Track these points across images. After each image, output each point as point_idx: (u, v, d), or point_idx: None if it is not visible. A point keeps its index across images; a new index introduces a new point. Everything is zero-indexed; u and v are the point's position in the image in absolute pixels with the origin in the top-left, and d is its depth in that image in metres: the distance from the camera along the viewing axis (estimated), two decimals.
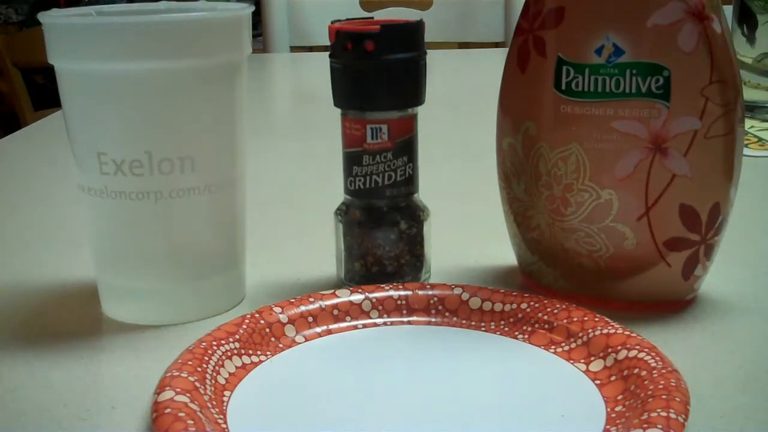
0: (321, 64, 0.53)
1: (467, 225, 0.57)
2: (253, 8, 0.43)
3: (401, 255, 0.44)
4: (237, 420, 0.33)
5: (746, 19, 0.79)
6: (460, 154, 0.77)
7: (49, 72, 0.43)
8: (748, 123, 0.78)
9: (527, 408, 0.34)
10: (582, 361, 0.37)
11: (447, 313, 0.41)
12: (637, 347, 0.35)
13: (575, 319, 0.38)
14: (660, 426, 0.30)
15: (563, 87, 0.40)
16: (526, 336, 0.39)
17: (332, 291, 0.42)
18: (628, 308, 0.42)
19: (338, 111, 0.44)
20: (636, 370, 0.34)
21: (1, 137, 0.88)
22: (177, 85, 0.40)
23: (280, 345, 0.39)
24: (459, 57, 1.42)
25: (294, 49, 1.44)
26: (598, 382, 0.35)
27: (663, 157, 0.39)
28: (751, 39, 0.79)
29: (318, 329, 0.40)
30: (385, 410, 0.34)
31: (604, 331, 0.37)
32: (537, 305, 0.40)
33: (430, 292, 0.42)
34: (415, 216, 0.45)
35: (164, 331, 0.42)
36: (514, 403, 0.34)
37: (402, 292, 0.42)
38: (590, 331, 0.37)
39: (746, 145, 0.73)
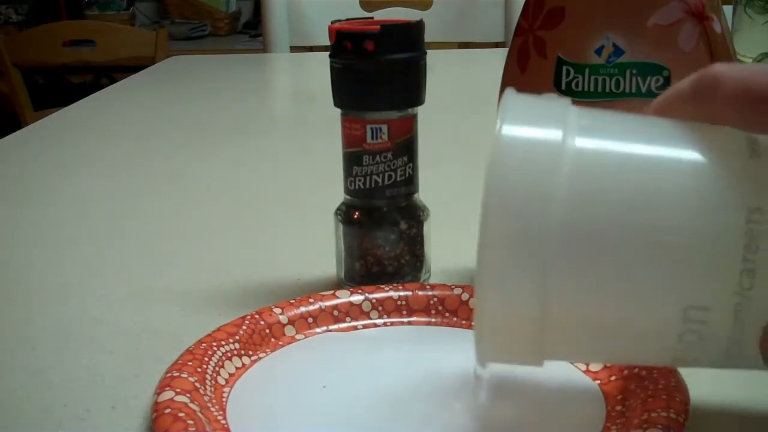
0: (321, 64, 0.53)
1: (467, 225, 0.57)
2: None
3: (401, 255, 0.44)
4: (236, 416, 0.33)
5: None
6: (460, 154, 0.77)
7: (49, 72, 0.42)
8: None
9: (528, 406, 0.34)
10: None
11: (447, 314, 0.41)
12: None
13: None
14: (660, 426, 0.30)
15: (563, 87, 0.40)
16: None
17: (332, 292, 0.42)
18: None
19: (338, 111, 0.44)
20: (636, 370, 0.34)
21: (1, 137, 0.88)
22: None
23: (280, 345, 0.39)
24: (459, 57, 1.42)
25: (294, 49, 1.44)
26: (598, 381, 0.35)
27: None
28: None
29: (318, 330, 0.40)
30: (384, 409, 0.34)
31: None
32: None
33: (430, 293, 0.42)
34: (415, 216, 0.45)
35: (164, 331, 0.42)
36: (515, 401, 0.34)
37: (402, 293, 0.42)
38: None
39: None
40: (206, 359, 0.35)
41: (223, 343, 0.37)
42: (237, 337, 0.38)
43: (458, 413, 0.33)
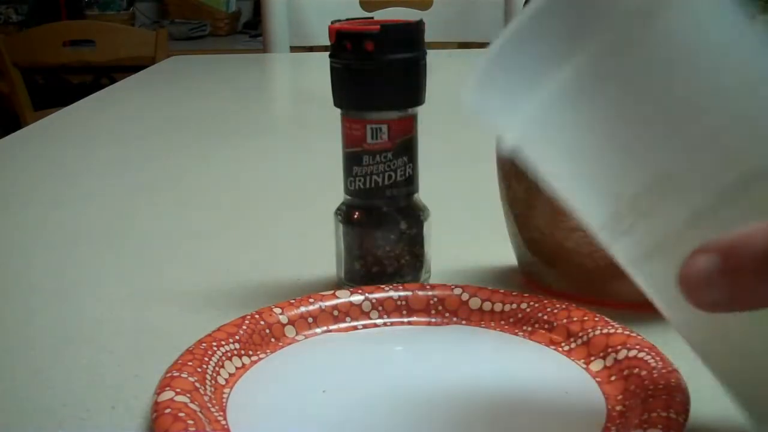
0: (321, 64, 0.53)
1: (467, 225, 0.57)
2: None
3: (401, 255, 0.44)
4: (236, 417, 0.33)
5: None
6: (460, 154, 0.77)
7: (49, 72, 0.42)
8: None
9: (528, 406, 0.34)
10: (582, 360, 0.37)
11: (447, 314, 0.41)
12: (637, 347, 0.35)
13: (575, 319, 0.38)
14: (660, 426, 0.30)
15: None
16: (526, 336, 0.39)
17: (332, 292, 0.42)
18: (628, 308, 0.42)
19: (338, 111, 0.44)
20: (636, 370, 0.34)
21: (1, 137, 0.88)
22: None
23: (280, 345, 0.39)
24: (459, 57, 1.42)
25: (294, 49, 1.44)
26: (598, 380, 0.35)
27: None
28: None
29: (318, 330, 0.40)
30: (383, 410, 0.34)
31: (604, 330, 0.37)
32: (537, 305, 0.40)
33: (430, 293, 0.42)
34: (415, 216, 0.45)
35: (164, 331, 0.42)
36: (516, 399, 0.34)
37: (402, 293, 0.42)
38: (590, 330, 0.37)
39: None
40: (206, 359, 0.35)
41: (223, 343, 0.37)
42: (237, 337, 0.38)
43: (459, 414, 0.33)
